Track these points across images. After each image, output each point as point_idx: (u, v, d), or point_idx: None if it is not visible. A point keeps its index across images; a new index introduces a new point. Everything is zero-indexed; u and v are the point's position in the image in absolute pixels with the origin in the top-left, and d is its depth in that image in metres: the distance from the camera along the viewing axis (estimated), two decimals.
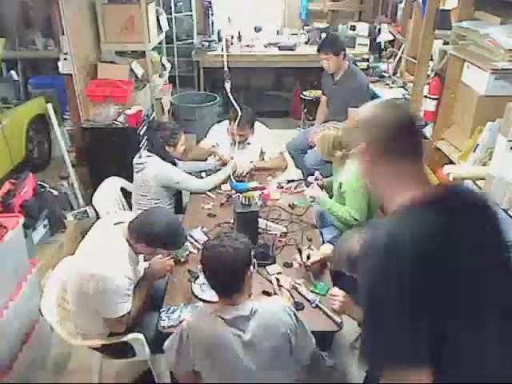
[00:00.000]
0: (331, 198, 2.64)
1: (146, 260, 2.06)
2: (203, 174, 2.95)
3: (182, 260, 2.16)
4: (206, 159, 3.13)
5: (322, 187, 2.69)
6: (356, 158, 1.15)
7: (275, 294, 1.87)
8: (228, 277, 1.50)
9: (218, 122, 3.17)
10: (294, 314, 1.55)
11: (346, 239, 1.85)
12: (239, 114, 2.92)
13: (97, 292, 1.76)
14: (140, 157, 2.75)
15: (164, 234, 1.85)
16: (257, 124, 3.20)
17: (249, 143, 3.10)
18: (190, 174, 2.80)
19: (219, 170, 2.93)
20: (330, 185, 2.74)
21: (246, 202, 2.20)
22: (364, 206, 2.43)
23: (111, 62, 3.85)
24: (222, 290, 1.55)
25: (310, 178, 2.73)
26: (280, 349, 1.50)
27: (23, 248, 2.31)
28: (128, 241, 1.89)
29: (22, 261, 2.28)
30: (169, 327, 1.78)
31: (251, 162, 3.02)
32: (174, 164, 2.79)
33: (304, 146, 3.48)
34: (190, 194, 2.83)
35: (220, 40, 5.25)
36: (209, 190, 2.79)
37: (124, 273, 1.81)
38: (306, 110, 4.91)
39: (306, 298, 1.91)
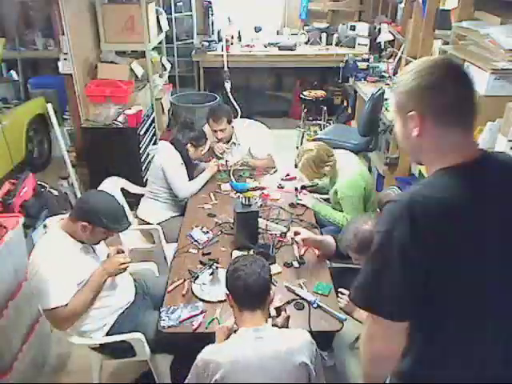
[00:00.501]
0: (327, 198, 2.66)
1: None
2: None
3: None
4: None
5: (313, 191, 2.70)
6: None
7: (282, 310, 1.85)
8: (260, 287, 1.53)
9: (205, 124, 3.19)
10: (316, 351, 1.53)
11: (355, 221, 1.87)
12: (239, 113, 2.93)
13: (29, 281, 1.78)
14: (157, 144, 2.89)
15: (100, 208, 1.82)
16: (253, 123, 3.21)
17: (238, 144, 3.11)
18: None
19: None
20: (323, 186, 2.74)
21: (246, 202, 2.20)
22: (360, 212, 2.45)
23: (111, 62, 3.86)
24: (253, 302, 1.54)
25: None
26: (295, 376, 1.46)
27: (23, 248, 2.31)
28: (67, 232, 1.85)
29: (21, 261, 2.28)
30: (169, 327, 1.78)
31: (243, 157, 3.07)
32: (185, 163, 2.82)
33: None
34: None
35: (220, 40, 5.25)
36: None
37: (54, 263, 1.76)
38: (305, 110, 4.91)
39: (305, 298, 1.91)
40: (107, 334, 1.94)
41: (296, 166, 2.62)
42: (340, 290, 1.95)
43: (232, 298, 1.55)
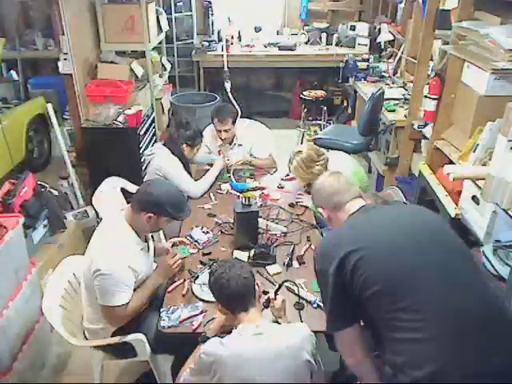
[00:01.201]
0: None
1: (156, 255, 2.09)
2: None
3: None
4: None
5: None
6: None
7: (275, 295, 1.85)
8: (246, 288, 1.58)
9: (209, 124, 3.18)
10: (316, 343, 1.55)
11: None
12: (239, 113, 2.93)
13: (95, 275, 1.76)
14: (151, 148, 2.88)
15: (163, 197, 1.87)
16: (253, 123, 3.21)
17: (240, 144, 3.11)
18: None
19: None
20: None
21: (246, 202, 2.20)
22: None
23: (111, 62, 3.85)
24: (243, 303, 1.58)
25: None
26: (298, 373, 1.48)
27: (23, 248, 2.31)
28: (131, 226, 1.89)
29: (21, 261, 2.28)
30: (169, 327, 1.78)
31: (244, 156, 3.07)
32: (183, 163, 2.82)
33: None
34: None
35: (220, 40, 5.25)
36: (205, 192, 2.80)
37: (125, 262, 1.79)
38: (305, 110, 4.91)
39: (305, 298, 1.91)
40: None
41: (289, 169, 2.63)
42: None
43: (222, 307, 1.60)
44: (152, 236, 2.14)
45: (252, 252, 2.14)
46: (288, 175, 2.92)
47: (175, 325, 1.79)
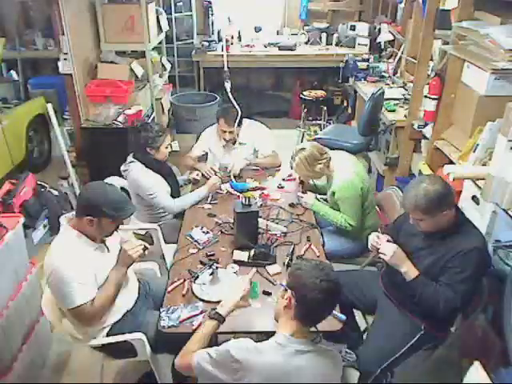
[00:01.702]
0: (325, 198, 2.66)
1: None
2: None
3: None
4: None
5: (313, 191, 2.71)
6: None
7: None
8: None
9: (211, 124, 3.17)
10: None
11: (422, 180, 1.81)
12: (239, 113, 2.93)
13: (50, 285, 1.77)
14: (125, 163, 2.65)
15: (98, 199, 1.82)
16: (253, 123, 3.20)
17: (244, 143, 3.10)
18: None
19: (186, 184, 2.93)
20: (322, 185, 2.75)
21: (246, 202, 2.20)
22: (358, 212, 2.45)
23: (111, 62, 3.86)
24: (318, 320, 1.49)
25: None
26: None
27: (23, 248, 2.31)
28: (81, 232, 1.85)
29: (21, 261, 2.28)
30: (169, 327, 1.78)
31: (245, 158, 3.03)
32: (160, 171, 2.66)
33: None
34: None
35: (220, 40, 5.25)
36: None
37: (71, 262, 1.77)
38: (305, 110, 4.91)
39: None
40: (108, 335, 1.94)
41: (291, 167, 2.62)
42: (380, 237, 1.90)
43: (295, 306, 1.44)
44: (151, 237, 2.10)
45: (252, 252, 2.14)
46: (290, 175, 2.91)
47: (175, 325, 1.79)
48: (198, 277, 2.00)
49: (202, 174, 2.92)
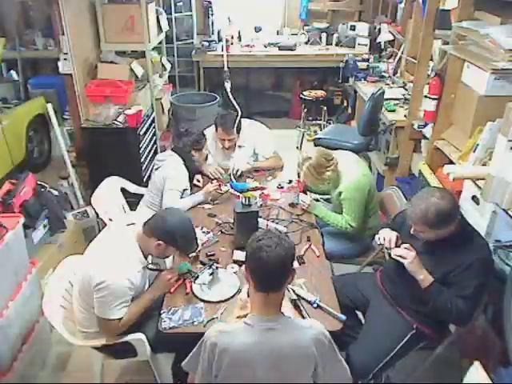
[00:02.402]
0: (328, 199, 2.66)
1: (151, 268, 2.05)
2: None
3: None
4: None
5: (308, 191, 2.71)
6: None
7: None
8: (282, 268, 1.44)
9: (210, 125, 3.15)
10: (330, 342, 1.49)
11: (429, 194, 1.78)
12: (239, 114, 2.92)
13: (97, 288, 1.76)
14: (163, 154, 2.85)
15: (176, 228, 1.87)
16: (253, 123, 3.20)
17: (243, 146, 3.09)
18: None
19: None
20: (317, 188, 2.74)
21: (246, 202, 2.20)
22: (361, 214, 2.45)
23: (111, 62, 3.85)
24: (270, 282, 1.46)
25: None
26: (301, 370, 1.46)
27: (23, 248, 2.31)
28: (139, 245, 1.90)
29: (21, 261, 2.28)
30: (170, 328, 1.78)
31: (247, 163, 3.03)
32: (190, 172, 2.81)
33: None
34: None
35: (220, 40, 5.25)
36: None
37: (128, 276, 1.80)
38: (305, 110, 4.91)
39: (305, 299, 1.91)
40: None
41: (299, 175, 2.62)
42: (403, 246, 1.86)
43: (250, 275, 1.48)
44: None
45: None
46: (291, 182, 2.89)
47: (176, 326, 1.79)
48: (197, 277, 2.00)
49: (207, 176, 2.95)
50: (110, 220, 2.55)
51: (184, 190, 2.74)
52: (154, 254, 1.94)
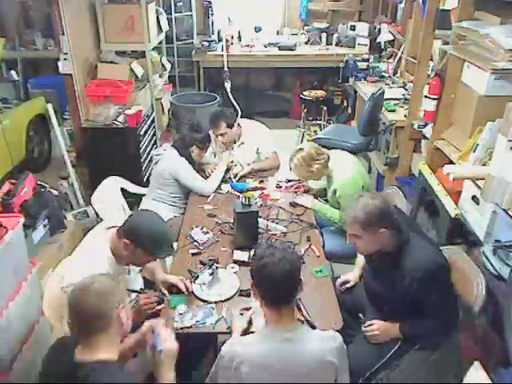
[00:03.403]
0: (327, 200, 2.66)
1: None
2: None
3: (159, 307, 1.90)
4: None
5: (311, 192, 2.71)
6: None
7: None
8: (289, 282, 1.45)
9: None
10: (345, 350, 1.51)
11: (364, 196, 1.81)
12: (239, 113, 2.93)
13: (63, 291, 1.74)
14: (159, 148, 2.88)
15: (141, 225, 1.79)
16: (253, 123, 3.21)
17: (243, 143, 3.10)
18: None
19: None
20: (323, 187, 2.74)
21: (246, 202, 2.20)
22: None
23: (111, 62, 3.85)
24: (280, 297, 1.46)
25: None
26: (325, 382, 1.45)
27: (23, 248, 2.30)
28: (112, 250, 1.82)
29: (21, 261, 2.28)
30: (181, 328, 1.77)
31: (248, 164, 3.04)
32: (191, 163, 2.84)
33: None
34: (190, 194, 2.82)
35: (220, 40, 5.25)
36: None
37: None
38: (305, 110, 4.91)
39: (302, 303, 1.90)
40: None
41: (290, 168, 2.63)
42: (367, 325, 1.92)
43: (258, 293, 1.49)
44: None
45: (252, 252, 2.14)
46: (289, 181, 2.89)
47: (188, 326, 1.78)
48: (197, 277, 2.00)
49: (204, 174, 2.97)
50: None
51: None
52: (124, 256, 1.83)
